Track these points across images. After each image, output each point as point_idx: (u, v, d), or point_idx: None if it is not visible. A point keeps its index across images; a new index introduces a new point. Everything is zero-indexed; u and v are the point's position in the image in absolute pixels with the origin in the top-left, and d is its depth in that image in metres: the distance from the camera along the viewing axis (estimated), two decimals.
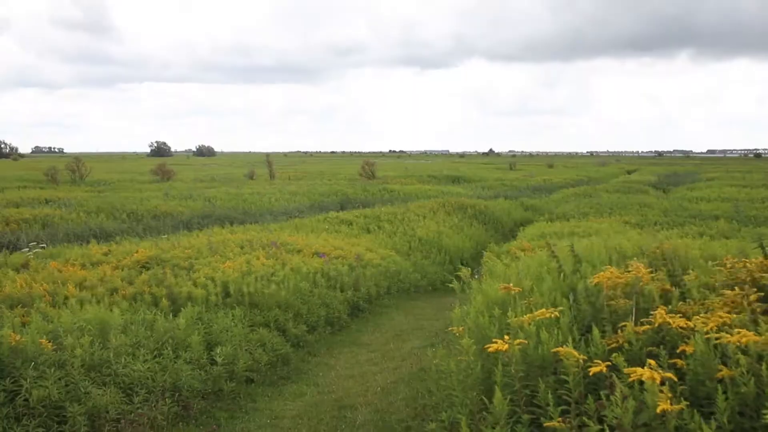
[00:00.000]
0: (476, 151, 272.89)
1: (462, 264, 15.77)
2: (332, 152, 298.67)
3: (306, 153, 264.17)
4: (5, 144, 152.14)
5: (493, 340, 3.98)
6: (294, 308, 9.78)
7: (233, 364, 7.51)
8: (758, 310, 4.01)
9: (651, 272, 4.67)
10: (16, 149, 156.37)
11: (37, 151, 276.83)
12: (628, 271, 4.58)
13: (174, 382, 6.63)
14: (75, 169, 46.69)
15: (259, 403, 7.15)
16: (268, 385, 7.76)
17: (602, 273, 4.48)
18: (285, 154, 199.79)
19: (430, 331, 10.07)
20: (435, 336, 9.56)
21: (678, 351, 3.54)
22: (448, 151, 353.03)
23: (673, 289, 4.52)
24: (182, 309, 8.09)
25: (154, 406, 6.22)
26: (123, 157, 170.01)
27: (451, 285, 6.45)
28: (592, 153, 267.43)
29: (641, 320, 3.98)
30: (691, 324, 3.68)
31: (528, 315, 4.32)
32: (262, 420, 6.65)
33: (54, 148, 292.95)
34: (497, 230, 22.05)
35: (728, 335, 3.40)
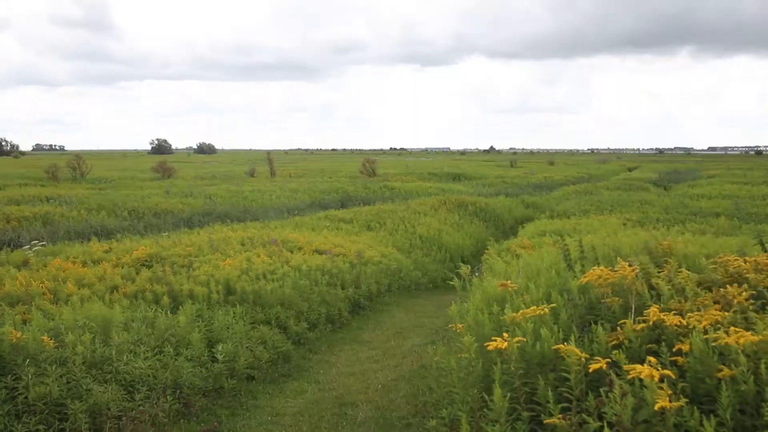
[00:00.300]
0: (477, 149, 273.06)
1: (463, 261, 15.78)
2: (333, 150, 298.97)
3: (307, 150, 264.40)
4: (6, 142, 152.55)
5: (493, 338, 3.98)
6: (295, 306, 9.79)
7: (234, 361, 7.52)
8: (750, 308, 4.01)
9: (649, 269, 4.67)
10: (17, 147, 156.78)
11: (38, 148, 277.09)
12: (615, 270, 4.58)
13: (175, 379, 6.64)
14: (76, 166, 46.77)
15: (260, 401, 7.16)
16: (269, 383, 7.77)
17: (591, 271, 4.49)
18: (286, 152, 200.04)
19: (431, 329, 10.08)
20: (436, 333, 9.56)
21: (674, 349, 3.54)
22: (448, 148, 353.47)
23: (666, 286, 4.52)
24: (182, 306, 8.11)
25: (156, 403, 6.23)
26: (124, 154, 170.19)
27: (451, 282, 6.46)
28: (593, 150, 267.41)
29: (637, 318, 3.98)
30: (685, 322, 3.68)
31: (521, 312, 4.33)
32: (263, 417, 6.65)
33: (55, 145, 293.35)
34: (498, 228, 22.05)
35: (725, 335, 3.40)
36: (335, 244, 13.84)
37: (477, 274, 8.29)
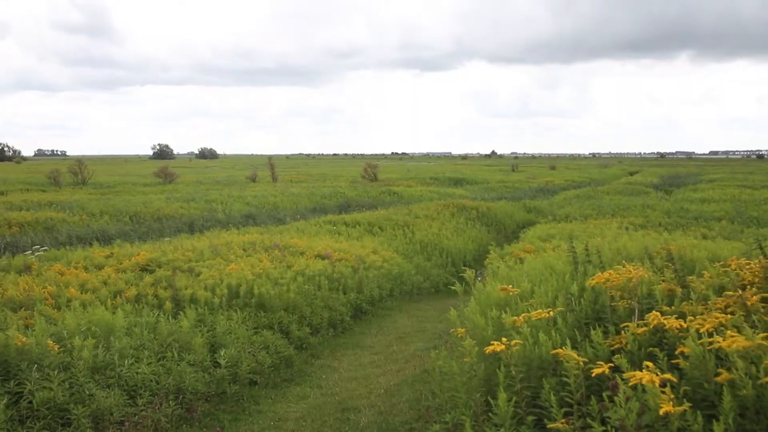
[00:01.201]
0: (478, 153, 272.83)
1: (465, 266, 15.75)
2: (334, 154, 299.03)
3: (308, 155, 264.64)
4: (8, 147, 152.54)
5: (492, 342, 3.99)
6: (298, 310, 9.80)
7: (237, 366, 7.53)
8: (762, 310, 4.00)
9: (656, 273, 4.66)
10: (19, 152, 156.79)
11: (40, 153, 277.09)
12: (626, 272, 4.58)
13: (178, 384, 6.64)
14: (77, 171, 46.86)
15: (263, 406, 7.17)
16: (271, 388, 7.78)
17: (601, 274, 4.48)
18: (287, 157, 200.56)
19: (433, 333, 10.08)
20: (438, 338, 9.56)
21: (677, 352, 3.54)
22: (450, 152, 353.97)
23: (678, 289, 4.52)
24: (185, 311, 8.11)
25: (158, 408, 6.24)
26: (125, 159, 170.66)
27: (453, 287, 6.47)
28: (594, 154, 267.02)
29: (640, 321, 3.98)
30: (686, 325, 3.68)
31: (523, 315, 4.33)
32: (266, 422, 6.65)
33: (57, 150, 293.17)
34: (500, 232, 22.04)
35: (720, 338, 3.40)
36: (337, 249, 13.84)
37: (480, 278, 8.29)
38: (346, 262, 12.78)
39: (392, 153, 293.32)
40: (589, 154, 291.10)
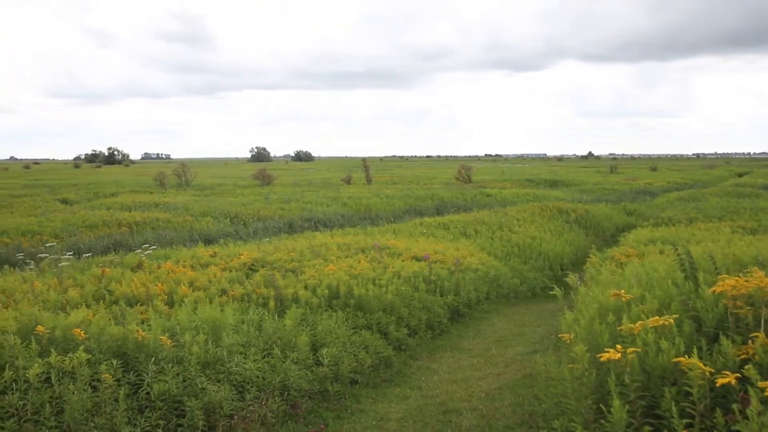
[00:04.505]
0: (574, 155, 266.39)
1: (562, 270, 15.44)
2: (427, 156, 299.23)
3: (401, 157, 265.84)
4: (118, 151, 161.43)
5: (606, 349, 3.89)
6: (396, 312, 9.85)
7: (338, 365, 7.64)
8: None
9: None
10: (128, 156, 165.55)
11: (146, 157, 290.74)
12: (747, 280, 4.35)
13: (282, 381, 6.81)
14: (181, 174, 48.96)
15: (364, 405, 7.24)
16: (371, 387, 7.85)
17: (727, 281, 4.27)
18: (381, 159, 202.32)
19: (533, 338, 9.91)
20: (538, 342, 9.40)
21: None
22: (545, 154, 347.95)
23: None
24: (288, 310, 8.31)
25: (264, 404, 6.42)
26: (225, 162, 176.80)
27: (552, 292, 6.34)
28: (698, 155, 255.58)
29: None
30: None
31: (640, 322, 4.18)
32: (368, 421, 6.72)
33: (161, 154, 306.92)
34: (598, 235, 21.50)
35: None
36: (434, 251, 13.84)
37: (580, 282, 8.10)
38: (442, 264, 12.77)
39: (486, 155, 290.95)
40: (693, 154, 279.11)
